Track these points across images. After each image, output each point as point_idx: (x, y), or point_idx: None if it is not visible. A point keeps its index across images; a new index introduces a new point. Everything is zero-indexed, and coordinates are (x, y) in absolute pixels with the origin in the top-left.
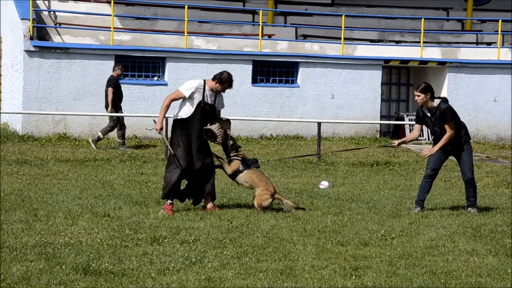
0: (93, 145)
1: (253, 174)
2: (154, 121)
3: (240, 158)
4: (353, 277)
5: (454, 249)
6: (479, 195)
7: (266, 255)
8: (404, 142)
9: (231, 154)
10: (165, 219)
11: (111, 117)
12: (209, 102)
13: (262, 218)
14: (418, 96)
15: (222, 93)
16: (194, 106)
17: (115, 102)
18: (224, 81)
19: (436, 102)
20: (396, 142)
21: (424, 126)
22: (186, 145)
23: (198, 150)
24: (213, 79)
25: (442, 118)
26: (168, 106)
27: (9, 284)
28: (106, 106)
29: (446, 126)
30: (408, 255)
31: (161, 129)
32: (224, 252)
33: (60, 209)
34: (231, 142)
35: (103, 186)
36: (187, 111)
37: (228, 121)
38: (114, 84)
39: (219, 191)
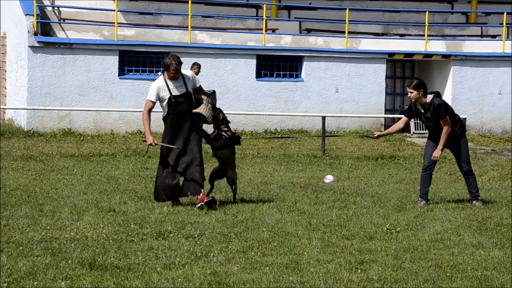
0: None
1: (231, 155)
2: (144, 141)
3: (227, 135)
4: (359, 270)
5: (459, 243)
6: (484, 188)
7: (271, 249)
8: (387, 134)
9: (222, 128)
10: (170, 214)
11: None
12: (179, 93)
13: (267, 213)
14: (411, 93)
15: (186, 74)
16: (167, 104)
17: None
18: (167, 65)
19: (429, 97)
20: (377, 133)
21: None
22: (171, 142)
23: (184, 143)
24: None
25: (436, 113)
26: (148, 119)
27: (16, 279)
28: None
29: (442, 122)
30: (413, 248)
31: (154, 140)
32: (230, 247)
33: (66, 204)
34: (221, 116)
35: (108, 181)
36: (164, 111)
37: (213, 93)
38: None
39: (223, 185)
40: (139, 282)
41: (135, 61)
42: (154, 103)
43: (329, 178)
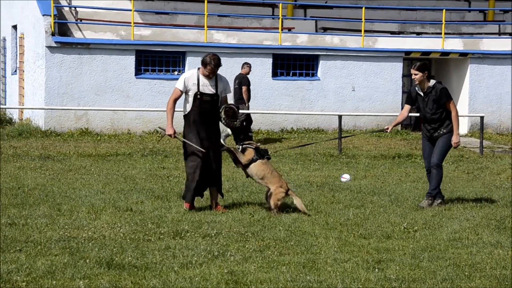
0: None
1: (266, 167)
2: (160, 128)
3: (253, 147)
4: (376, 270)
5: (478, 242)
6: (503, 187)
7: (288, 249)
8: (396, 125)
9: (245, 142)
10: (187, 213)
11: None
12: (208, 91)
13: (284, 212)
14: (416, 74)
15: (221, 77)
16: (192, 99)
17: (248, 100)
18: (205, 63)
19: (432, 82)
20: (388, 127)
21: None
22: (195, 138)
23: (205, 144)
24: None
25: (439, 98)
26: (172, 108)
27: (34, 278)
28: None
29: (447, 106)
30: (431, 247)
31: (174, 132)
32: (246, 246)
33: (83, 203)
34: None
35: (125, 181)
36: (188, 105)
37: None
38: (247, 82)
39: (240, 184)
40: (157, 281)
41: (151, 60)
42: (181, 92)
43: (345, 177)
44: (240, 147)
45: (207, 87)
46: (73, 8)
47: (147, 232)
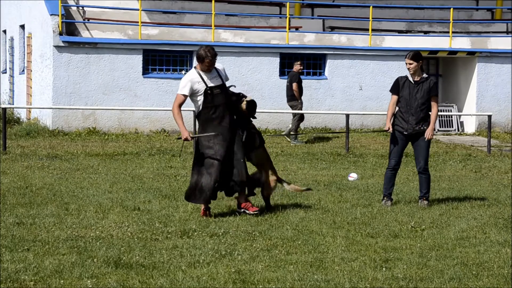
0: (295, 142)
1: (266, 154)
2: (179, 138)
3: (258, 132)
4: (384, 269)
5: (485, 240)
6: (510, 185)
7: (296, 248)
8: (391, 119)
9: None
10: (195, 212)
11: (293, 114)
12: (215, 84)
13: (291, 211)
14: (411, 64)
15: (217, 67)
16: (202, 97)
17: (299, 96)
18: (201, 58)
19: (425, 74)
20: (390, 128)
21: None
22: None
23: (225, 139)
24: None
25: (430, 90)
26: (180, 113)
27: (42, 278)
28: (288, 100)
29: (432, 100)
30: (439, 246)
31: (189, 134)
32: (254, 245)
33: (91, 203)
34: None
35: (133, 180)
36: (198, 105)
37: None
38: (298, 79)
39: None
40: (164, 280)
41: (159, 60)
42: (186, 97)
43: (353, 176)
44: (245, 132)
45: (213, 80)
46: (80, 8)
47: (155, 231)
